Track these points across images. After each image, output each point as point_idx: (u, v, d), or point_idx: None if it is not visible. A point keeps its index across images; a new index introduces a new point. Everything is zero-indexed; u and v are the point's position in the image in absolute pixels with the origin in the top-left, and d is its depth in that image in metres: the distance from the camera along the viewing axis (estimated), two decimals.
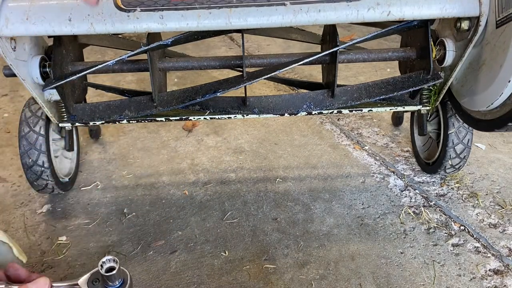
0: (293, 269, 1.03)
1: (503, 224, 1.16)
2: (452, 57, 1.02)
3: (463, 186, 1.31)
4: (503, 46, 0.85)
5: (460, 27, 0.94)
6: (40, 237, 1.14)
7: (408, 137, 1.57)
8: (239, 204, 1.25)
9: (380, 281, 0.99)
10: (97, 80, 1.69)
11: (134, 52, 0.99)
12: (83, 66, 1.09)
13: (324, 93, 1.11)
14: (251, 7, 0.87)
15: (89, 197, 1.29)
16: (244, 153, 1.50)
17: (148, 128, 1.65)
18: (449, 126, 1.19)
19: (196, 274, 1.02)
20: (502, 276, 1.00)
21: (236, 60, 1.08)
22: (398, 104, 1.16)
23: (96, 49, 2.31)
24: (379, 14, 0.88)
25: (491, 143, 1.53)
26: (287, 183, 1.34)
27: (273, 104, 1.12)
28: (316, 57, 1.03)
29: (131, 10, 0.88)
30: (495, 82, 0.89)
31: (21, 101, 1.87)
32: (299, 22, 0.88)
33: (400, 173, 1.37)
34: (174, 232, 1.15)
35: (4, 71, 1.02)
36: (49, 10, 0.88)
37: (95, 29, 0.88)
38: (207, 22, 0.88)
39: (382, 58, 1.10)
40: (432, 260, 1.04)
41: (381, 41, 2.42)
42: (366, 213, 1.20)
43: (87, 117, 1.12)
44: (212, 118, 1.13)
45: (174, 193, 1.30)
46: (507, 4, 0.83)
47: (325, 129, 1.64)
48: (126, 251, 1.09)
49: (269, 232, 1.14)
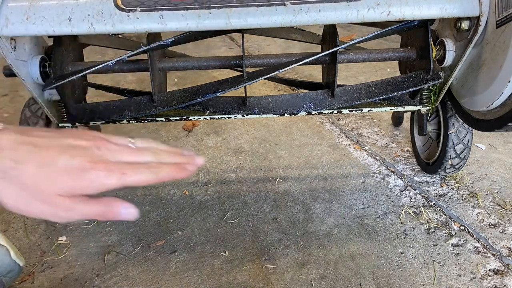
0: (293, 269, 1.03)
1: (503, 224, 1.16)
2: (452, 57, 1.02)
3: (463, 186, 1.31)
4: (503, 46, 0.85)
5: (460, 27, 0.94)
6: (40, 237, 1.15)
7: (408, 137, 1.57)
8: (239, 204, 1.25)
9: (380, 281, 0.99)
10: (97, 80, 1.68)
11: (134, 52, 0.99)
12: (83, 66, 1.09)
13: (324, 93, 1.11)
14: (251, 7, 0.87)
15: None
16: (244, 153, 1.50)
17: (148, 128, 1.65)
18: (449, 126, 1.19)
19: (196, 274, 1.02)
20: (502, 276, 1.00)
21: (236, 60, 1.08)
22: (398, 104, 1.16)
23: (96, 49, 2.31)
24: (379, 14, 0.88)
25: (491, 143, 1.53)
26: (287, 183, 1.34)
27: (273, 104, 1.12)
28: (316, 57, 1.03)
29: (131, 10, 0.88)
30: (495, 82, 0.89)
31: (21, 101, 1.87)
32: (299, 22, 0.88)
33: (400, 173, 1.37)
34: (174, 232, 1.15)
35: (4, 71, 1.02)
36: (49, 10, 0.88)
37: (95, 29, 0.88)
38: (207, 22, 0.88)
39: (382, 58, 1.10)
40: (432, 260, 1.04)
41: (381, 41, 2.42)
42: (366, 213, 1.20)
43: (87, 117, 1.12)
44: (212, 118, 1.13)
45: (174, 193, 1.30)
46: (507, 4, 0.83)
47: (325, 129, 1.64)
48: (126, 251, 1.09)
49: (269, 232, 1.14)
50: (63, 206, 0.43)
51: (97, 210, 0.44)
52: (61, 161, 0.43)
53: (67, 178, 0.43)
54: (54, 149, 0.44)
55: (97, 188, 0.44)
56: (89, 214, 0.44)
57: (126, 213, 0.46)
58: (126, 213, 0.46)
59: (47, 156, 0.43)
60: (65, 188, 0.43)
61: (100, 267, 1.05)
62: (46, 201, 0.42)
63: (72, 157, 0.44)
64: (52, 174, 0.43)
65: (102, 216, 0.45)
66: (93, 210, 0.44)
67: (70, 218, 0.43)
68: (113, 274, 1.02)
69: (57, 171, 0.43)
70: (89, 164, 0.44)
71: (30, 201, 0.42)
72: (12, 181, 0.41)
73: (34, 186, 0.42)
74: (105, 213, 0.45)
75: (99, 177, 0.44)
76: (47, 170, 0.43)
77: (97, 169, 0.44)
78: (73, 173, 0.43)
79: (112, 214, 0.45)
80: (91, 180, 0.44)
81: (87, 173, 0.44)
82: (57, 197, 0.43)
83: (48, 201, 0.42)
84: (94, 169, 0.44)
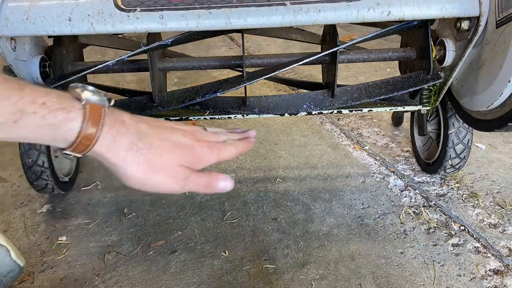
0: (293, 269, 1.03)
1: (503, 224, 1.16)
2: (452, 57, 1.02)
3: (463, 186, 1.31)
4: (503, 46, 0.85)
5: (460, 27, 0.94)
6: (40, 237, 1.15)
7: (408, 137, 1.57)
8: (239, 204, 1.25)
9: (380, 281, 0.99)
10: (97, 80, 1.68)
11: (134, 52, 0.99)
12: (83, 66, 1.09)
13: (324, 93, 1.11)
14: (251, 7, 0.87)
15: (89, 197, 1.29)
16: (244, 153, 1.50)
17: None
18: (449, 126, 1.19)
19: (196, 274, 1.02)
20: (502, 276, 1.00)
21: (236, 60, 1.08)
22: (398, 104, 1.16)
23: (96, 49, 2.31)
24: (379, 14, 0.88)
25: (491, 143, 1.53)
26: (287, 183, 1.34)
27: (273, 104, 1.12)
28: (316, 57, 1.03)
29: (131, 10, 0.88)
30: (495, 82, 0.89)
31: None
32: (299, 22, 0.88)
33: (400, 173, 1.37)
34: (174, 232, 1.15)
35: (4, 71, 1.02)
36: (49, 10, 0.88)
37: (95, 29, 0.88)
38: (207, 22, 0.88)
39: (382, 58, 1.10)
40: (432, 260, 1.04)
41: (381, 41, 2.42)
42: (366, 213, 1.20)
43: None
44: (212, 118, 1.13)
45: None
46: (507, 4, 0.83)
47: (325, 129, 1.64)
48: (126, 251, 1.09)
49: (269, 232, 1.14)
50: (182, 175, 0.48)
51: (204, 180, 0.50)
52: (174, 138, 0.49)
53: (184, 150, 0.49)
54: (166, 128, 0.50)
55: (204, 163, 0.51)
56: (199, 184, 0.49)
57: (224, 184, 0.51)
58: (224, 184, 0.51)
59: (163, 133, 0.49)
60: (184, 160, 0.48)
61: (100, 267, 1.05)
62: (168, 171, 0.47)
63: (183, 135, 0.50)
64: (173, 147, 0.48)
65: (207, 187, 0.50)
66: (202, 180, 0.49)
67: (186, 187, 0.48)
68: (113, 274, 1.02)
69: (176, 145, 0.48)
70: (196, 142, 0.50)
71: (152, 172, 0.46)
72: (139, 152, 0.46)
73: (159, 157, 0.47)
74: (209, 183, 0.50)
75: (205, 153, 0.50)
76: (167, 144, 0.48)
77: (202, 146, 0.50)
78: (186, 147, 0.49)
79: (214, 185, 0.50)
80: (199, 155, 0.50)
81: (195, 149, 0.50)
82: (178, 167, 0.48)
83: (170, 171, 0.47)
84: (200, 146, 0.50)
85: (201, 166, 0.50)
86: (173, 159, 0.47)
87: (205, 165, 0.51)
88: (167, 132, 0.49)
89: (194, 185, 0.49)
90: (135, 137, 0.46)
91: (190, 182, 0.48)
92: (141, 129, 0.47)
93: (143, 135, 0.46)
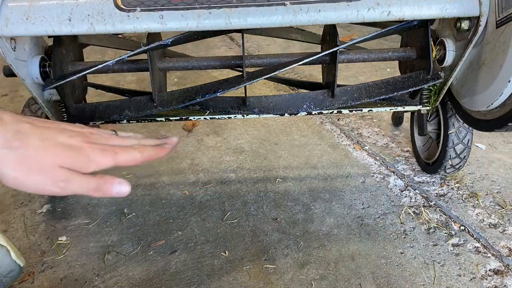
0: (293, 269, 1.03)
1: (503, 224, 1.16)
2: (452, 57, 1.02)
3: (463, 186, 1.31)
4: (503, 46, 0.85)
5: (460, 27, 0.94)
6: (40, 237, 1.15)
7: (408, 137, 1.57)
8: (239, 204, 1.25)
9: (380, 281, 0.99)
10: (97, 80, 1.69)
11: (134, 52, 0.99)
12: (83, 66, 1.09)
13: (324, 93, 1.11)
14: (251, 7, 0.87)
15: (89, 197, 1.29)
16: (244, 153, 1.50)
17: (148, 128, 1.65)
18: (449, 126, 1.19)
19: (196, 274, 1.02)
20: (502, 276, 1.00)
21: (236, 60, 1.08)
22: (398, 104, 1.16)
23: (96, 49, 2.31)
24: (379, 14, 0.88)
25: (491, 143, 1.53)
26: (287, 183, 1.34)
27: (273, 104, 1.12)
28: (316, 57, 1.03)
29: (131, 10, 0.88)
30: (495, 82, 0.89)
31: (21, 101, 1.88)
32: (299, 22, 0.88)
33: (400, 173, 1.37)
34: (174, 232, 1.15)
35: (4, 71, 1.02)
36: (49, 10, 0.88)
37: (95, 29, 0.88)
38: (207, 22, 0.88)
39: (382, 58, 1.10)
40: (432, 260, 1.04)
41: (381, 41, 2.42)
42: (366, 213, 1.20)
43: (87, 117, 1.12)
44: (212, 118, 1.13)
45: (174, 193, 1.30)
46: (507, 4, 0.83)
47: (325, 129, 1.64)
48: (126, 251, 1.09)
49: (269, 232, 1.14)
50: (62, 176, 0.45)
51: (93, 184, 0.47)
52: (60, 138, 0.47)
53: (68, 152, 0.46)
54: (52, 129, 0.48)
55: (93, 166, 0.48)
56: (85, 187, 0.47)
57: (119, 189, 0.48)
58: (119, 189, 0.48)
59: (48, 133, 0.47)
60: (65, 161, 0.46)
61: (100, 267, 1.05)
62: (46, 172, 0.45)
63: (71, 136, 0.48)
64: (54, 147, 0.46)
65: (96, 191, 0.47)
66: (89, 183, 0.47)
67: (67, 189, 0.46)
68: (113, 274, 1.02)
69: (58, 145, 0.46)
70: (86, 144, 0.48)
71: (29, 172, 0.44)
72: (14, 151, 0.44)
73: (36, 157, 0.45)
74: (100, 187, 0.47)
75: (95, 155, 0.48)
76: (48, 143, 0.46)
77: (92, 148, 0.48)
78: (72, 149, 0.47)
79: (106, 189, 0.48)
80: (88, 157, 0.47)
81: (84, 150, 0.47)
82: (57, 168, 0.45)
83: (48, 172, 0.45)
84: (90, 148, 0.48)
85: (91, 169, 0.48)
86: (52, 160, 0.45)
87: (96, 168, 0.48)
88: (52, 133, 0.47)
89: (78, 188, 0.47)
90: (11, 135, 0.44)
91: (72, 184, 0.46)
92: (22, 128, 0.45)
93: (22, 134, 0.45)
